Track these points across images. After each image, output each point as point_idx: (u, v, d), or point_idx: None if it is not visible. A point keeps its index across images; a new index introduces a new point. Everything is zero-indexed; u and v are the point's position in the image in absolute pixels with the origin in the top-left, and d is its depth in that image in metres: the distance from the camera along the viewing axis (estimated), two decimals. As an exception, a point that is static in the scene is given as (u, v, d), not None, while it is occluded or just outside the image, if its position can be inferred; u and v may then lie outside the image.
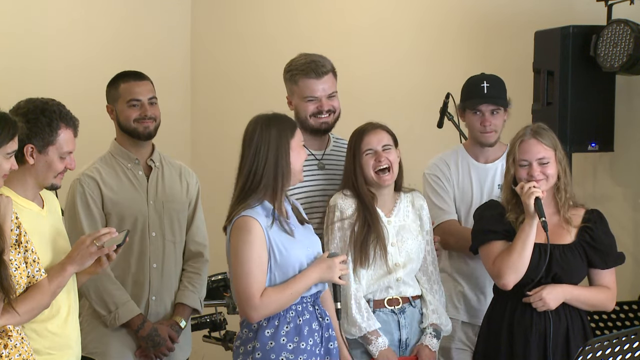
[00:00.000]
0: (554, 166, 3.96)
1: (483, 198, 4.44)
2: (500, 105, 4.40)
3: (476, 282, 4.44)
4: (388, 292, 4.04)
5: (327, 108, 4.25)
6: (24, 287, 3.40)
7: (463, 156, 4.54)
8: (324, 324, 3.74)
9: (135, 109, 4.40)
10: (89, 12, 6.43)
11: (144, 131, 4.42)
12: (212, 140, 6.85)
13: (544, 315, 3.92)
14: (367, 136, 4.04)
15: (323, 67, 4.24)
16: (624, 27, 4.64)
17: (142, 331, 4.33)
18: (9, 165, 3.36)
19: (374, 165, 4.02)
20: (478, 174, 4.51)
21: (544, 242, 3.89)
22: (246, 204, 3.64)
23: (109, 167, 4.40)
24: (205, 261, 4.61)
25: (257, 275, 3.60)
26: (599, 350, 3.10)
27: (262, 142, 3.66)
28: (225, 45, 6.82)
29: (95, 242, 3.49)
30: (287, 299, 3.63)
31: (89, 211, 4.29)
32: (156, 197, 4.44)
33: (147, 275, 4.40)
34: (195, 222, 4.59)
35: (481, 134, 4.43)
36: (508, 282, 3.90)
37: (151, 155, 4.50)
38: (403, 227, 4.09)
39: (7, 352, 3.30)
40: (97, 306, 4.29)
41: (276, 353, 3.62)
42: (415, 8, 5.82)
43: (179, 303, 4.48)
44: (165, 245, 4.45)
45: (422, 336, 4.06)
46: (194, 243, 4.57)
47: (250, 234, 3.61)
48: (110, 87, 4.47)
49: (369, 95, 5.92)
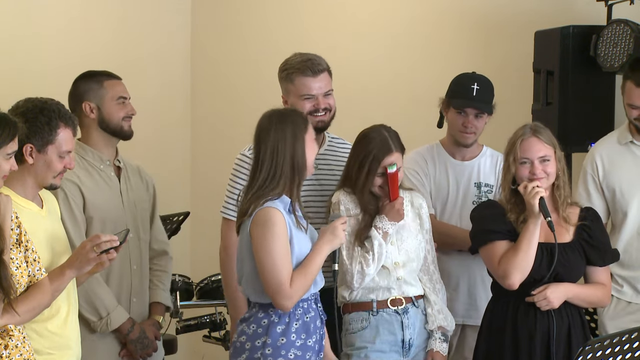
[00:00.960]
0: (554, 164, 3.96)
1: (459, 195, 4.48)
2: (486, 111, 4.42)
3: (448, 279, 4.43)
4: (390, 292, 4.03)
5: (323, 106, 4.24)
6: (25, 286, 3.39)
7: (440, 153, 4.56)
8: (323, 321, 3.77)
9: (123, 106, 4.34)
10: (88, 12, 6.43)
11: (129, 130, 4.36)
12: (212, 141, 6.85)
13: (547, 314, 3.92)
14: (385, 158, 3.98)
15: (319, 65, 4.24)
16: (624, 27, 4.64)
17: (132, 334, 4.31)
18: (8, 166, 3.36)
19: (382, 183, 4.01)
20: (455, 172, 4.53)
21: (544, 241, 3.90)
22: (266, 199, 3.64)
23: (83, 170, 4.29)
24: (170, 259, 4.59)
25: (286, 264, 3.60)
26: (599, 350, 3.10)
27: (280, 138, 3.66)
28: (225, 46, 6.81)
29: (95, 249, 3.48)
30: (310, 281, 3.64)
31: (72, 216, 4.19)
32: (128, 198, 4.39)
33: (129, 278, 4.37)
34: (155, 220, 4.56)
35: (461, 133, 4.46)
36: (514, 282, 3.90)
37: (117, 155, 4.43)
38: (402, 226, 4.07)
39: (8, 353, 3.30)
40: (87, 313, 4.21)
41: (286, 349, 3.64)
42: (415, 8, 5.82)
43: (154, 302, 4.47)
44: (141, 245, 4.43)
45: (431, 341, 4.05)
46: (157, 241, 4.54)
47: (275, 225, 3.61)
48: (87, 84, 4.32)
49: (368, 95, 5.92)
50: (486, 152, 4.59)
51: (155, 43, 6.74)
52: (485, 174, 4.54)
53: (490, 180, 4.53)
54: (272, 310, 3.66)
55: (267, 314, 3.67)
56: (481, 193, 4.51)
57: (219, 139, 6.73)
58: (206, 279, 5.52)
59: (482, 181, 4.52)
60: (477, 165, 4.53)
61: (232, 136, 6.25)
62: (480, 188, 4.51)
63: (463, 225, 4.45)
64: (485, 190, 4.51)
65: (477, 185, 4.51)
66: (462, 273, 4.49)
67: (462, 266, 4.48)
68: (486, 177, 4.53)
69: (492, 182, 4.52)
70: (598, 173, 4.41)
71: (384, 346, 4.00)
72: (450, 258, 4.42)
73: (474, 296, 4.50)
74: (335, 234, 3.69)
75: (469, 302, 4.51)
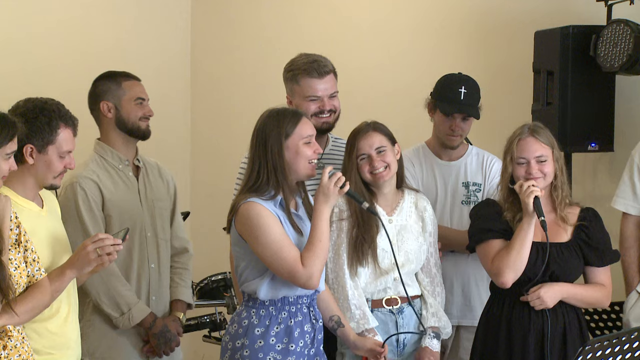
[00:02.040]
0: (551, 164, 3.97)
1: (447, 196, 4.48)
2: (472, 115, 4.42)
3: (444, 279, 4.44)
4: (386, 292, 4.03)
5: (328, 108, 4.25)
6: (24, 286, 3.39)
7: (426, 154, 4.56)
8: (317, 327, 3.74)
9: (141, 107, 4.38)
10: (89, 12, 6.43)
11: (147, 129, 4.41)
12: (212, 141, 6.85)
13: (541, 313, 3.93)
14: (360, 141, 4.02)
15: (325, 66, 4.25)
16: (624, 27, 4.64)
17: (154, 328, 4.34)
18: (8, 166, 3.35)
19: (369, 169, 4.02)
20: (442, 172, 4.53)
21: (541, 240, 3.90)
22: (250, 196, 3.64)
23: (102, 170, 4.35)
24: (191, 256, 4.64)
25: (288, 247, 3.58)
26: (599, 350, 3.09)
27: (262, 138, 3.67)
28: (225, 46, 6.81)
29: (98, 251, 3.48)
30: (322, 249, 3.60)
31: (92, 214, 4.24)
32: (146, 197, 4.43)
33: (147, 276, 4.41)
34: (176, 218, 4.59)
35: (447, 136, 4.45)
36: (507, 280, 3.91)
37: (136, 155, 4.47)
38: (404, 227, 4.08)
39: (7, 353, 3.30)
40: (109, 309, 4.26)
41: (264, 352, 3.63)
42: (415, 8, 5.82)
43: (175, 299, 4.50)
44: (159, 244, 4.45)
45: (422, 338, 4.05)
46: (177, 239, 4.58)
47: (260, 216, 3.60)
48: (105, 84, 4.39)
49: (368, 95, 5.92)
50: (472, 151, 4.58)
51: (155, 43, 6.74)
52: (472, 173, 4.54)
53: (477, 179, 4.52)
54: (255, 310, 3.66)
55: (249, 313, 3.67)
56: (469, 192, 4.51)
57: (219, 139, 6.74)
58: (206, 279, 5.52)
59: (469, 180, 4.52)
60: (463, 165, 4.52)
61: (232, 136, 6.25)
62: (468, 187, 4.51)
63: (453, 226, 4.46)
64: (474, 189, 4.51)
65: (465, 185, 4.51)
66: (456, 274, 4.49)
67: (456, 267, 4.48)
68: (473, 176, 4.53)
69: (479, 180, 4.52)
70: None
71: (378, 346, 4.01)
72: (444, 259, 4.41)
73: (469, 297, 4.50)
74: (325, 193, 3.63)
75: (464, 303, 4.50)
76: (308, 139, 3.70)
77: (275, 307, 3.68)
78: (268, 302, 3.67)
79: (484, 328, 4.08)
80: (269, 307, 3.68)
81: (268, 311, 3.67)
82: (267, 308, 3.68)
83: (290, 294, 3.68)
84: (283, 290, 3.66)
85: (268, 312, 3.67)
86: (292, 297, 3.68)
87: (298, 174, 3.69)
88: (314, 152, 3.71)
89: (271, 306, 3.68)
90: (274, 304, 3.68)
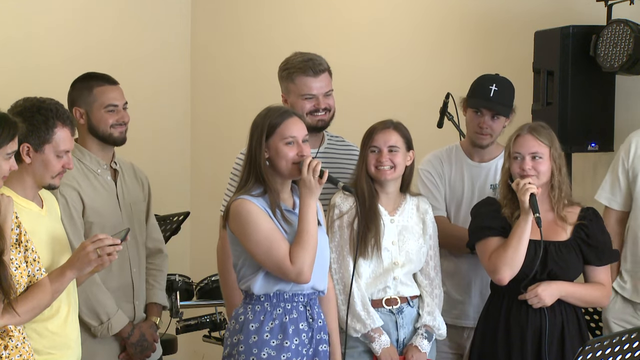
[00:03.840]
0: (547, 163, 3.98)
1: (474, 197, 4.45)
2: (500, 112, 4.38)
3: (460, 281, 4.44)
4: (386, 292, 4.04)
5: (323, 106, 4.26)
6: (25, 286, 3.39)
7: (458, 154, 4.54)
8: (315, 326, 3.74)
9: (112, 114, 4.29)
10: (88, 11, 6.43)
11: (119, 136, 4.32)
12: (212, 141, 6.85)
13: (540, 311, 3.94)
14: (377, 134, 4.05)
15: (320, 65, 4.26)
16: (624, 27, 4.63)
17: (132, 338, 4.31)
18: (8, 166, 3.35)
19: (375, 162, 4.02)
20: (471, 173, 4.50)
21: (539, 238, 3.90)
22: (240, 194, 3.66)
23: (82, 175, 4.27)
24: (165, 257, 4.59)
25: (278, 243, 3.60)
26: (599, 350, 3.10)
27: (250, 136, 3.71)
28: (225, 45, 6.81)
29: (98, 251, 3.48)
30: (310, 242, 3.60)
31: (72, 221, 4.17)
32: (124, 201, 4.38)
33: (130, 281, 4.37)
34: (150, 219, 4.55)
35: (476, 134, 4.43)
36: (503, 277, 3.92)
37: (113, 157, 4.41)
38: (406, 227, 4.09)
39: (7, 353, 3.30)
40: (88, 318, 4.20)
41: (259, 348, 3.63)
42: (415, 7, 5.82)
43: (151, 302, 4.47)
44: (138, 247, 4.42)
45: (414, 337, 4.05)
46: (152, 240, 4.54)
47: (250, 213, 3.61)
48: (79, 89, 4.31)
49: (368, 94, 5.92)
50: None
51: (155, 43, 6.75)
52: None
53: None
54: (251, 305, 3.67)
55: (245, 310, 3.69)
56: (496, 195, 4.48)
57: (219, 139, 6.73)
58: (206, 279, 5.52)
59: (498, 183, 4.48)
60: (494, 167, 4.47)
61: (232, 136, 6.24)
62: (496, 190, 4.45)
63: None
64: None
65: (493, 187, 4.44)
66: (474, 275, 4.44)
67: (474, 268, 4.43)
68: None
69: None
70: (629, 156, 4.39)
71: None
72: (462, 261, 4.40)
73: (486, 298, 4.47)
74: (307, 186, 3.63)
75: (481, 305, 4.47)
76: (290, 140, 3.69)
77: (270, 303, 3.68)
78: (263, 298, 3.68)
79: (482, 326, 4.09)
80: (264, 302, 3.68)
81: (263, 307, 3.68)
82: (262, 304, 3.68)
83: (285, 288, 3.68)
84: (278, 285, 3.67)
85: (263, 307, 3.68)
86: (288, 293, 3.69)
87: (280, 174, 3.70)
88: (296, 154, 3.68)
89: (266, 302, 3.68)
90: (269, 300, 3.68)
